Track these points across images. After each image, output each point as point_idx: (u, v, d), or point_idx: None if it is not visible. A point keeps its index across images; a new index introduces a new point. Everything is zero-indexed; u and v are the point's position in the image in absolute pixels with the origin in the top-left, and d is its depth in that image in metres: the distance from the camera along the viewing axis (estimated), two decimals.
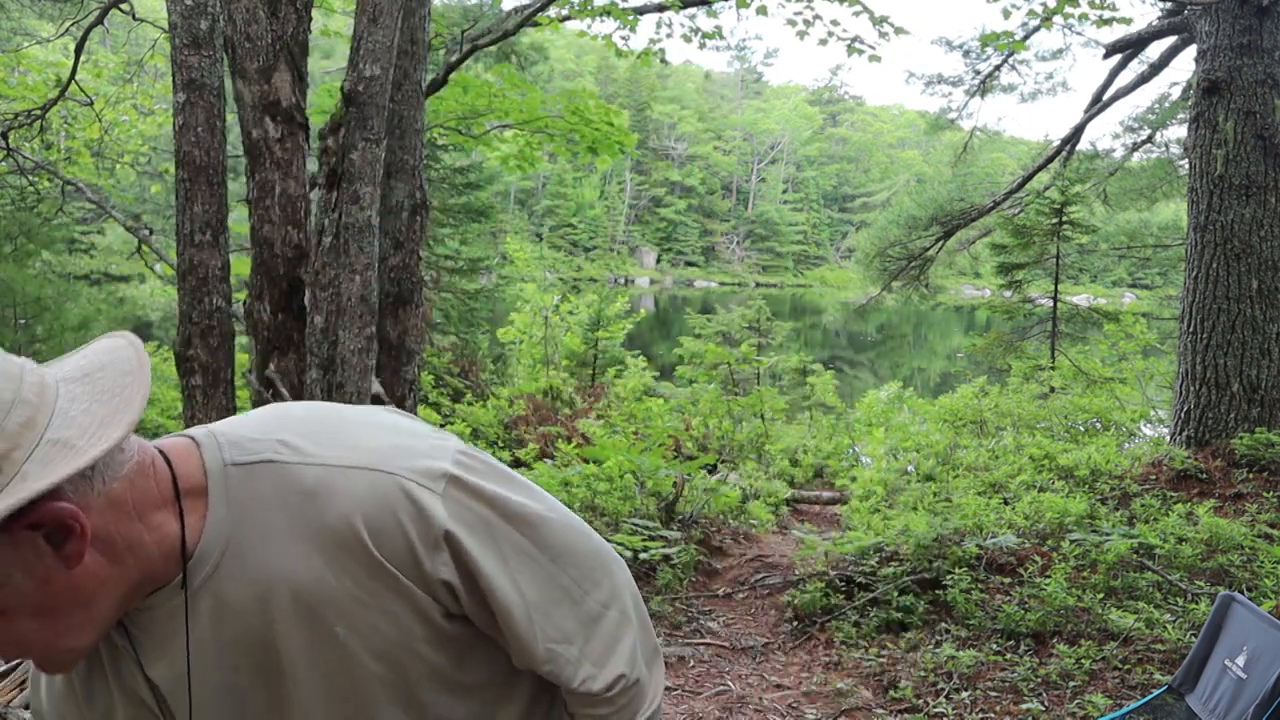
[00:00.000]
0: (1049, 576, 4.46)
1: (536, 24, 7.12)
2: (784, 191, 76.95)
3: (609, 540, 3.00)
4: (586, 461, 6.14)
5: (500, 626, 0.95)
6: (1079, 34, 8.88)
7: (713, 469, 7.84)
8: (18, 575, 0.78)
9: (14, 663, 3.48)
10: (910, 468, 7.54)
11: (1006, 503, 5.87)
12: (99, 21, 7.46)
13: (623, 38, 7.56)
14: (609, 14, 7.06)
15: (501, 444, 9.22)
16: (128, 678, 0.95)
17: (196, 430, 0.93)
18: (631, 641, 1.02)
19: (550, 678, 1.00)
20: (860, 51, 6.92)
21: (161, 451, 0.88)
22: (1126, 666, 3.74)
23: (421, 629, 0.92)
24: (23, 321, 6.18)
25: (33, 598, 0.79)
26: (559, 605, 0.98)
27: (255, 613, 0.89)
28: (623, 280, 60.40)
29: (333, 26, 8.65)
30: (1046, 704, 3.52)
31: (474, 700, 1.01)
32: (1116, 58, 8.76)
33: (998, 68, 9.77)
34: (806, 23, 7.02)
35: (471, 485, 0.93)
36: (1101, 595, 4.33)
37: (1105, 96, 8.92)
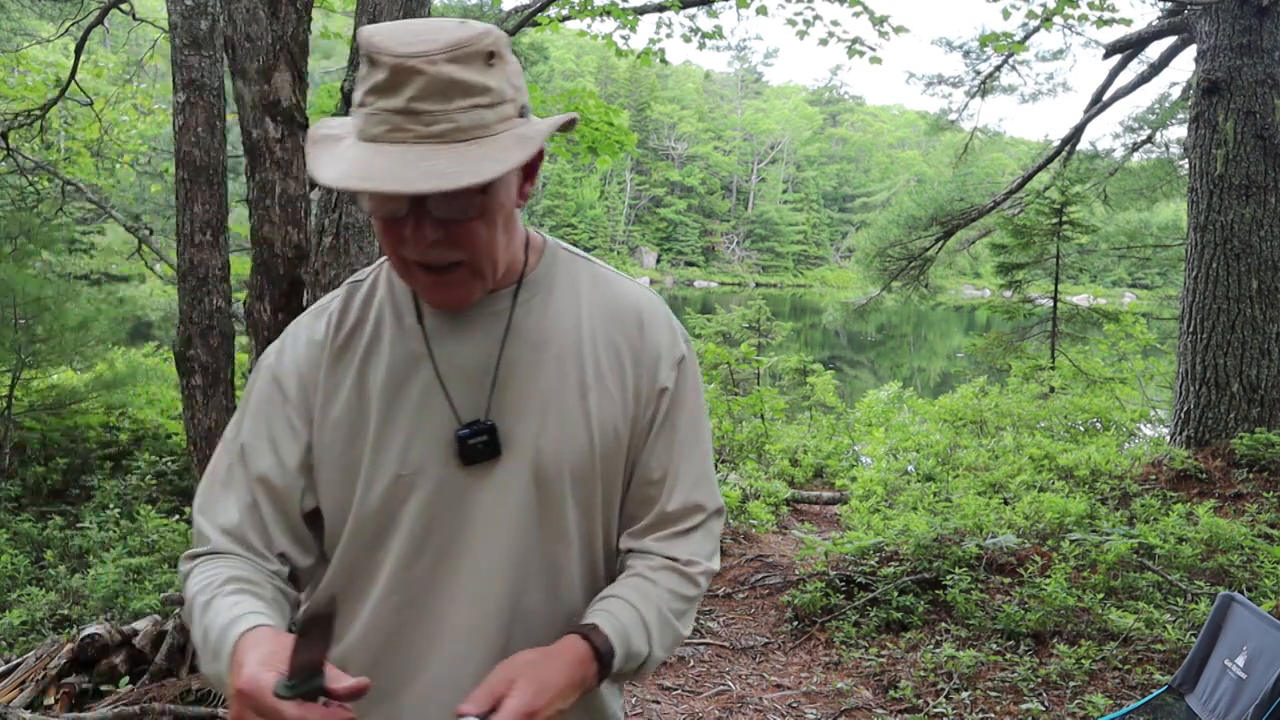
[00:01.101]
0: (1049, 576, 4.46)
1: (536, 24, 7.12)
2: (784, 191, 76.92)
3: None
4: None
5: (656, 432, 1.17)
6: (1079, 34, 8.90)
7: None
8: (512, 184, 1.06)
9: (13, 663, 3.49)
10: (910, 468, 7.53)
11: (1006, 503, 5.87)
12: (99, 21, 7.47)
13: (623, 37, 7.56)
14: (609, 14, 7.07)
15: None
16: (401, 363, 1.12)
17: None
18: (714, 543, 1.22)
19: (646, 500, 1.18)
20: (860, 53, 6.92)
21: None
22: (1126, 666, 3.74)
23: (628, 414, 1.14)
24: (23, 321, 6.16)
25: (504, 210, 1.05)
26: (700, 481, 1.19)
27: (535, 345, 1.13)
28: None
29: (333, 27, 8.65)
30: (1046, 704, 3.52)
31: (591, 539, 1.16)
32: (1116, 58, 8.76)
33: (998, 68, 9.77)
34: (806, 23, 7.02)
35: (694, 362, 1.21)
36: (1101, 595, 4.33)
37: (1105, 96, 8.92)
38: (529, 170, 1.08)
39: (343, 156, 0.99)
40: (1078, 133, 9.44)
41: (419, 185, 0.92)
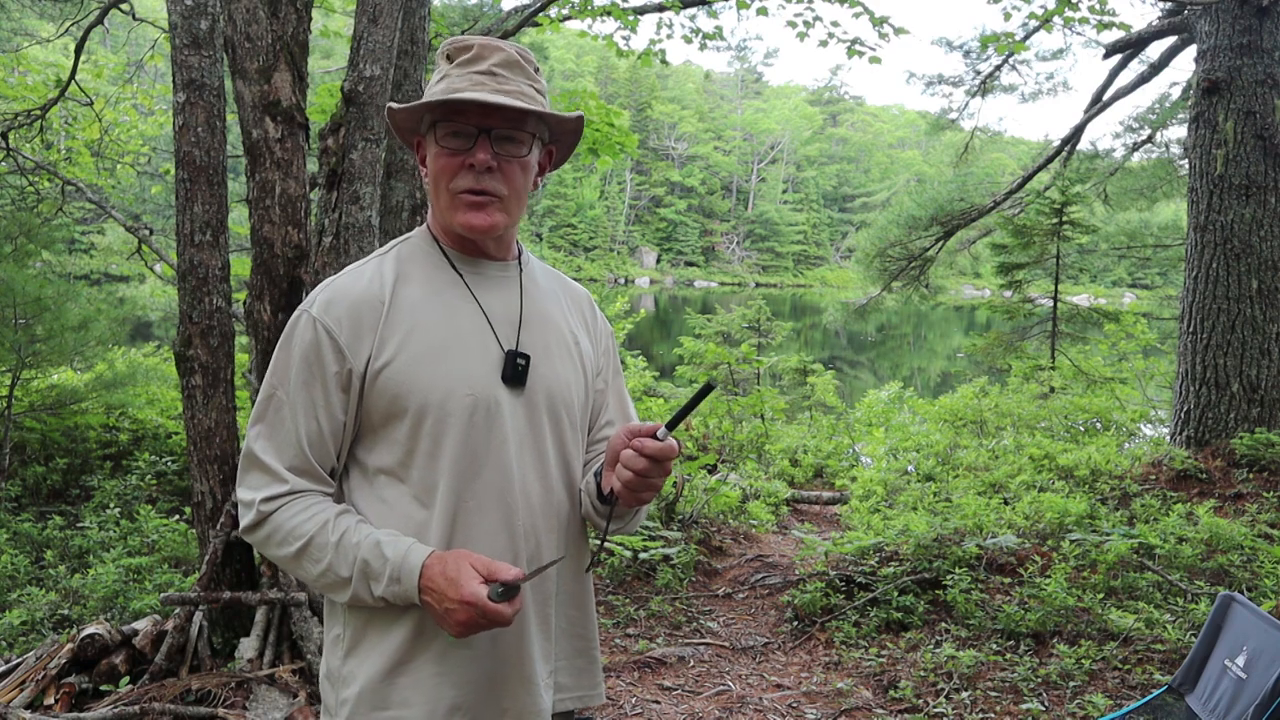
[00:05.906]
0: (1049, 576, 4.46)
1: (537, 24, 7.12)
2: (784, 191, 76.91)
3: (609, 539, 3.17)
4: None
5: (607, 389, 1.61)
6: (1079, 34, 8.88)
7: (713, 469, 7.84)
8: (535, 167, 1.44)
9: (14, 663, 3.48)
10: (910, 468, 7.53)
11: (1006, 503, 5.87)
12: (99, 21, 7.46)
13: (623, 38, 7.57)
14: (609, 14, 7.07)
15: None
16: (452, 305, 1.43)
17: None
18: None
19: (605, 438, 1.58)
20: (860, 54, 6.92)
21: None
22: (1126, 666, 3.74)
23: (594, 368, 1.56)
24: (23, 321, 6.15)
25: (532, 172, 1.43)
26: (633, 418, 1.64)
27: (539, 303, 1.50)
28: (623, 280, 60.42)
29: (333, 26, 8.65)
30: (1046, 704, 3.52)
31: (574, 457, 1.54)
32: (1117, 58, 8.76)
33: (998, 68, 9.77)
34: (807, 24, 7.02)
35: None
36: (1101, 595, 4.33)
37: (1105, 96, 8.92)
38: (541, 168, 1.47)
39: (435, 93, 1.35)
40: (1078, 133, 9.44)
41: (500, 100, 1.31)
